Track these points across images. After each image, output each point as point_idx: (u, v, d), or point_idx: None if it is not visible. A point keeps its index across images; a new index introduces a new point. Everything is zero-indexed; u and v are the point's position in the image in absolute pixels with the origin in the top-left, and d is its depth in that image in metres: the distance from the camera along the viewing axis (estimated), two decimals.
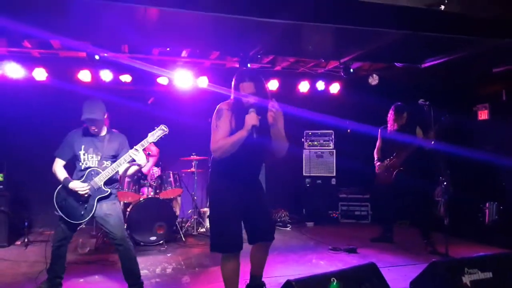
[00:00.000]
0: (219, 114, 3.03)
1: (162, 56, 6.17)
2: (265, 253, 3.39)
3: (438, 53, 5.66)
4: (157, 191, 5.87)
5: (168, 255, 5.20)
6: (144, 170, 5.88)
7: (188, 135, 6.34)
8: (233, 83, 3.10)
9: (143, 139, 3.69)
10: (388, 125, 5.52)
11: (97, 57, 5.48)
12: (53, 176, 3.69)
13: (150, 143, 3.72)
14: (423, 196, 5.46)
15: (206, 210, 6.77)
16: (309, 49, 5.65)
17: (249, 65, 5.80)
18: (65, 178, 3.62)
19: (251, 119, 2.86)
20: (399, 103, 5.49)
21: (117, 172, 3.73)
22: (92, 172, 3.65)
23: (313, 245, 5.73)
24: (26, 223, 5.57)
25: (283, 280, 2.36)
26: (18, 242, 5.63)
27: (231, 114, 3.02)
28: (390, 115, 5.49)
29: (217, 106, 3.11)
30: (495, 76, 6.10)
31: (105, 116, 3.74)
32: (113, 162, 3.75)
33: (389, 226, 5.74)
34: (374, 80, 6.61)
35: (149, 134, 3.72)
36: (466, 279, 2.63)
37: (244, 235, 3.17)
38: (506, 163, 5.76)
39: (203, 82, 6.43)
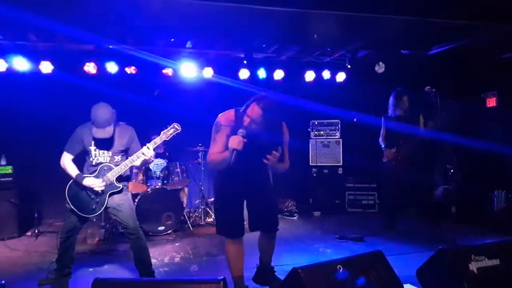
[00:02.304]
0: (217, 128, 3.12)
1: (167, 47, 6.16)
2: (270, 241, 3.48)
3: (445, 40, 5.60)
4: (165, 182, 5.91)
5: (176, 244, 5.25)
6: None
7: (194, 126, 6.34)
8: (250, 99, 3.06)
9: (150, 131, 3.69)
10: (389, 110, 5.48)
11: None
12: (62, 169, 3.71)
13: (162, 141, 3.72)
14: (429, 185, 5.43)
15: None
16: (314, 38, 5.61)
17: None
18: (78, 175, 3.63)
19: (234, 142, 2.88)
20: (398, 88, 5.44)
21: (129, 168, 3.75)
22: (105, 168, 3.67)
23: (320, 234, 5.74)
24: (36, 215, 5.64)
25: (289, 269, 2.37)
26: (29, 233, 5.71)
27: (229, 129, 3.07)
28: (391, 101, 5.46)
29: (217, 118, 3.18)
30: (504, 63, 6.02)
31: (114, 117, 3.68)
32: (124, 155, 3.78)
33: (392, 215, 5.73)
34: (380, 68, 6.55)
35: (162, 132, 3.72)
36: (473, 266, 2.61)
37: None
38: None
39: (208, 72, 6.42)
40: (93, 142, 3.68)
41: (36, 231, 5.60)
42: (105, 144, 3.69)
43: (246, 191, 3.29)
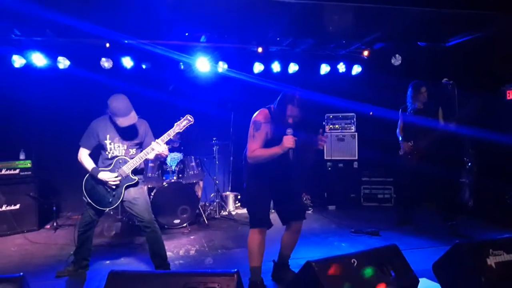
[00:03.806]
0: (257, 126, 3.27)
1: (181, 41, 6.18)
2: (296, 233, 3.56)
3: (462, 32, 5.48)
4: (180, 175, 5.95)
5: (192, 237, 5.30)
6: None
7: (209, 120, 6.37)
8: (281, 98, 3.28)
9: (164, 126, 3.71)
10: (408, 104, 5.39)
11: None
12: (79, 162, 3.77)
13: (176, 133, 3.74)
14: (448, 179, 5.33)
15: (228, 194, 6.86)
16: (329, 30, 5.56)
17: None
18: (94, 168, 3.67)
19: (288, 142, 3.06)
20: (415, 80, 5.34)
21: (144, 161, 3.78)
22: (120, 161, 3.70)
23: (335, 228, 5.72)
24: (54, 208, 5.75)
25: (304, 262, 2.36)
26: (48, 226, 5.82)
27: (268, 126, 3.26)
28: (409, 94, 5.37)
29: (254, 116, 3.33)
30: None
31: None
32: (138, 149, 3.80)
33: (409, 209, 5.66)
34: (397, 60, 6.46)
35: (175, 124, 3.74)
36: (491, 261, 2.56)
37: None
38: None
39: (223, 66, 6.42)
40: (108, 136, 3.71)
41: (55, 224, 5.71)
42: (124, 132, 3.70)
43: (280, 183, 3.40)
